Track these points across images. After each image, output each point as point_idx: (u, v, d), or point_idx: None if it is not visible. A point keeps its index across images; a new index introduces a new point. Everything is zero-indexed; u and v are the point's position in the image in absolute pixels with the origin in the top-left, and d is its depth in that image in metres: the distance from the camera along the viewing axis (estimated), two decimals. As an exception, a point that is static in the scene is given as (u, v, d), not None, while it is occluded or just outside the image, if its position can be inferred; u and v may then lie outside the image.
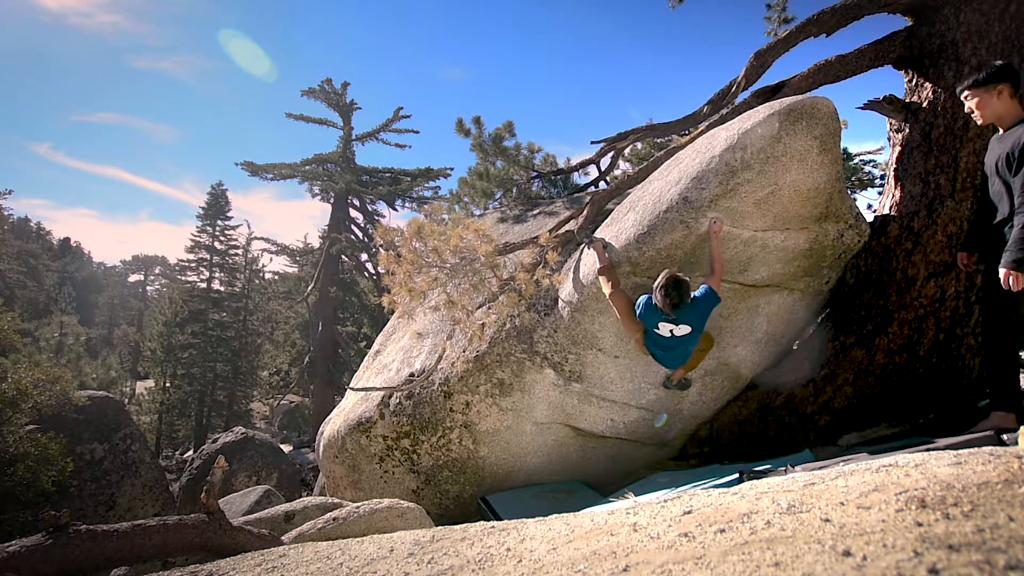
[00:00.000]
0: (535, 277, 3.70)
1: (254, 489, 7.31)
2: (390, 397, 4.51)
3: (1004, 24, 3.42)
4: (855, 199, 3.65)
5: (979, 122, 2.48)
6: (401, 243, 3.81)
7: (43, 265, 32.55)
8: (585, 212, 4.50)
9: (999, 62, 2.42)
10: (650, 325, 3.15)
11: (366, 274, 19.78)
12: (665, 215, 3.27)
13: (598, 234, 3.89)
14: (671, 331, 3.10)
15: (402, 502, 3.33)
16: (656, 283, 2.98)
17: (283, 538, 2.84)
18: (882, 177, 11.96)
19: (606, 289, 3.33)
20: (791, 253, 3.36)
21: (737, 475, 2.78)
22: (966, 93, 2.47)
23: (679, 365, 3.37)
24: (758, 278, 3.49)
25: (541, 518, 1.76)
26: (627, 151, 8.32)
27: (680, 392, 3.80)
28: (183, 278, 21.89)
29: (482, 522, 1.96)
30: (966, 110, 2.53)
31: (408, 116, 19.49)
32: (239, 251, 22.45)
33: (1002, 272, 2.23)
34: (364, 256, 19.29)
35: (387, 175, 19.46)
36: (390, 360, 5.23)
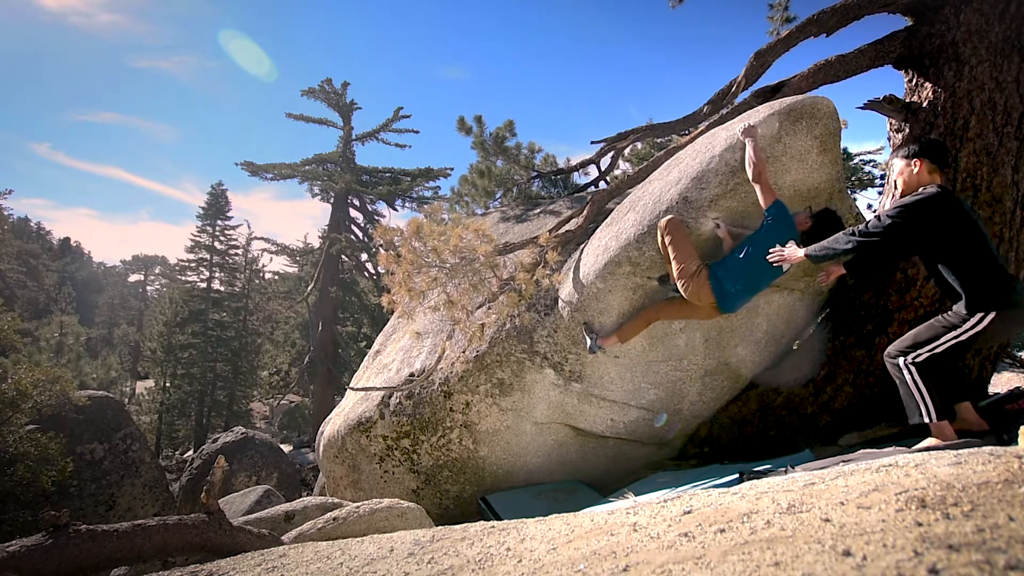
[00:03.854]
0: (535, 277, 3.70)
1: (254, 489, 7.31)
2: (390, 397, 4.51)
3: (1004, 24, 3.42)
4: (855, 199, 3.65)
5: (899, 190, 2.56)
6: (401, 243, 3.81)
7: (43, 265, 32.52)
8: (585, 212, 4.50)
9: (930, 138, 2.63)
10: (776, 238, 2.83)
11: (366, 274, 19.76)
12: (665, 215, 3.27)
13: (598, 234, 3.88)
14: None
15: (402, 502, 3.33)
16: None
17: (283, 538, 2.84)
18: (882, 177, 11.95)
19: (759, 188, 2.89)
20: (791, 253, 3.35)
21: (737, 475, 2.78)
22: (891, 160, 2.62)
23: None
24: (758, 278, 3.48)
25: (541, 518, 1.76)
26: (627, 151, 8.32)
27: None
28: (183, 278, 21.88)
29: (482, 522, 1.96)
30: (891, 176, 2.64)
31: (408, 116, 19.47)
32: (239, 251, 22.42)
33: (797, 250, 2.64)
34: (364, 256, 19.27)
35: (387, 175, 19.43)
36: (390, 360, 5.23)
